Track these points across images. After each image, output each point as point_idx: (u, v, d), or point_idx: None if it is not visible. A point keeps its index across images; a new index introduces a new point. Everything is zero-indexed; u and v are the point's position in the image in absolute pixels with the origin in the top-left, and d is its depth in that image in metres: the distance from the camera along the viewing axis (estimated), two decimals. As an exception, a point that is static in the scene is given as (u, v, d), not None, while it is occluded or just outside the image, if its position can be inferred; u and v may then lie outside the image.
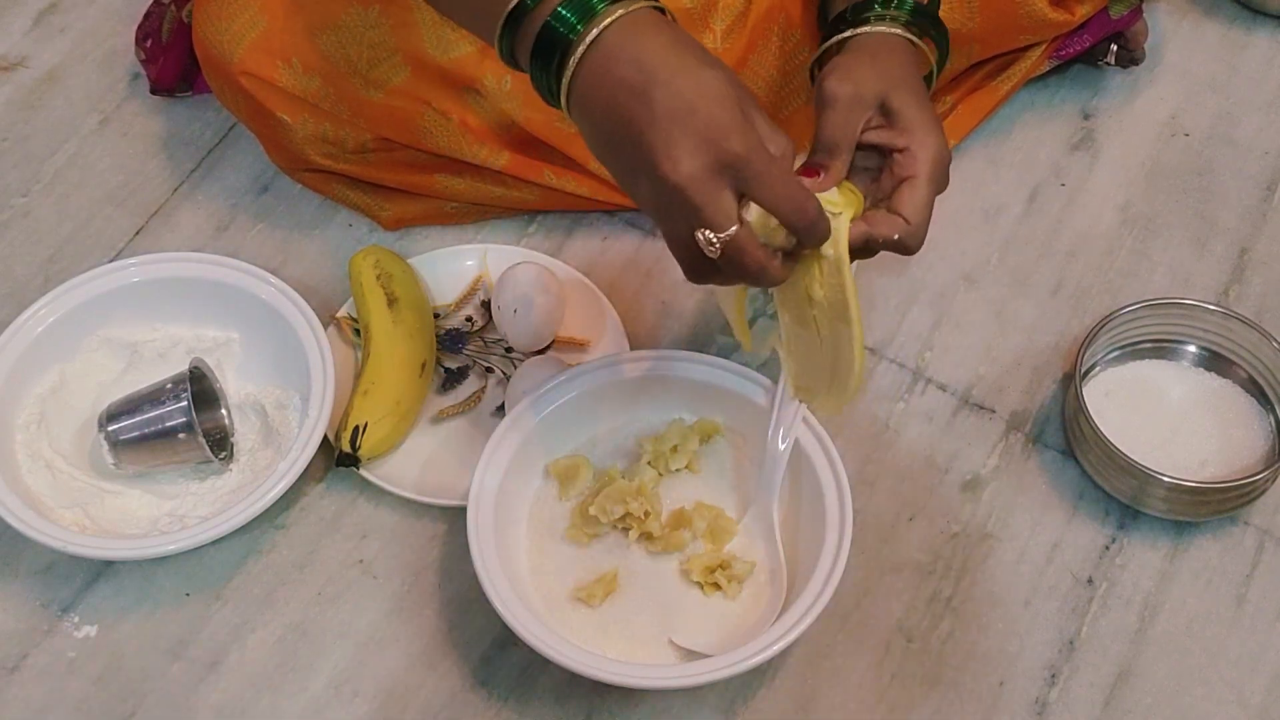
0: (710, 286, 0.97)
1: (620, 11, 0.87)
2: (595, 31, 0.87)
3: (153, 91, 1.37)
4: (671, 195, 0.86)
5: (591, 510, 1.08)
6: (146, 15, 1.36)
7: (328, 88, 1.18)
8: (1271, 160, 1.35)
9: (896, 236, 0.95)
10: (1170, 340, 1.20)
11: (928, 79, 1.04)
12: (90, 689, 1.08)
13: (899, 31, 1.02)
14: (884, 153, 0.97)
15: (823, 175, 0.94)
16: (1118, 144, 1.35)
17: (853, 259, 0.94)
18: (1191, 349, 1.20)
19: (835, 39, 1.03)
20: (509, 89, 1.19)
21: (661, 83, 0.86)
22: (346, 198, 1.29)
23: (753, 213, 0.89)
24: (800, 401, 1.07)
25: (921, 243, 0.96)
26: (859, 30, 1.02)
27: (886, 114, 0.97)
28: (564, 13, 0.88)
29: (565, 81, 0.89)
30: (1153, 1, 1.41)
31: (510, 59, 0.93)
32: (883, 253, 0.96)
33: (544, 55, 0.89)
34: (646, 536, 1.09)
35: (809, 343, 1.00)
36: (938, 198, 0.98)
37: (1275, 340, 1.16)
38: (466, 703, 1.07)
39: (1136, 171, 1.34)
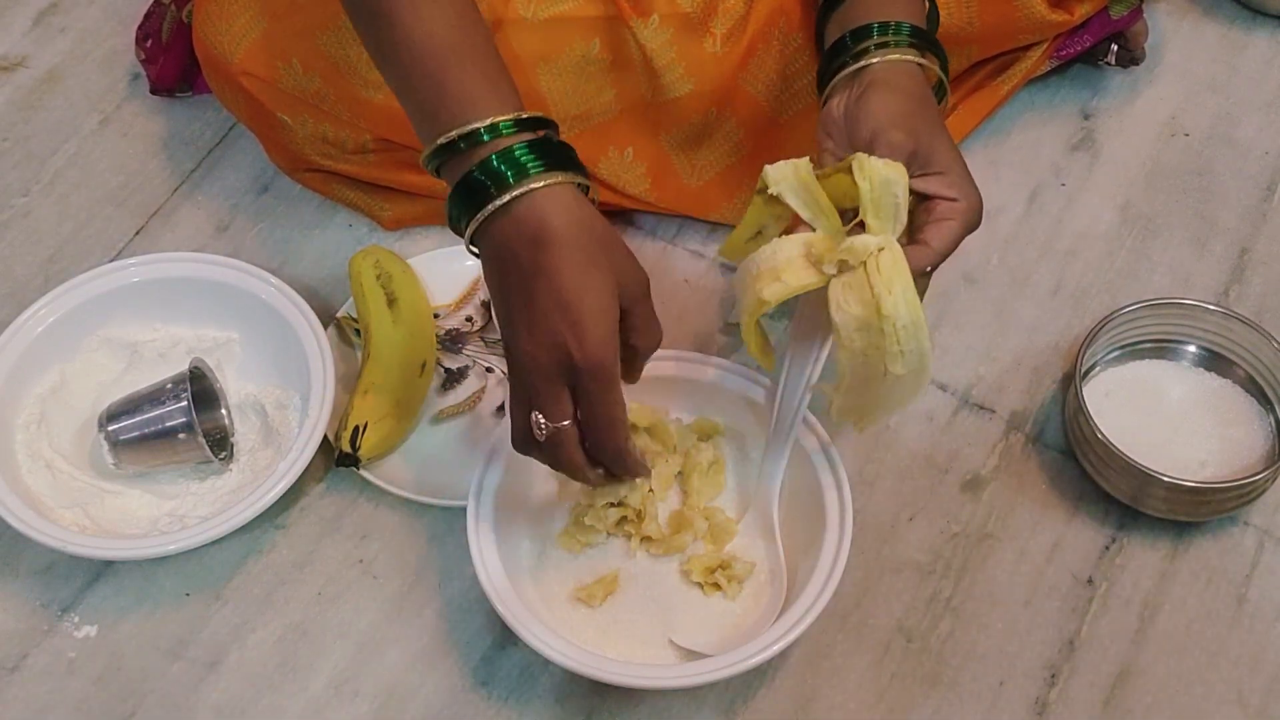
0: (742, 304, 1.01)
1: (542, 184, 0.93)
2: (511, 195, 0.93)
3: (153, 91, 1.37)
4: (521, 370, 0.94)
5: (587, 520, 1.08)
6: (147, 15, 1.36)
7: (328, 88, 1.18)
8: (1271, 160, 1.35)
9: (929, 269, 0.99)
10: (1170, 340, 1.20)
11: (937, 93, 1.05)
12: (90, 689, 1.08)
13: (909, 58, 1.03)
14: (919, 195, 1.00)
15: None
16: (1118, 144, 1.35)
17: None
18: (1191, 349, 1.20)
19: (846, 71, 1.04)
20: None
21: (547, 272, 0.92)
22: (346, 198, 1.29)
23: None
24: (847, 422, 1.06)
25: (923, 282, 1.00)
26: (869, 61, 1.03)
27: (924, 161, 1.00)
28: (495, 166, 0.93)
29: (474, 226, 0.95)
30: (1153, 2, 1.41)
31: (433, 172, 0.98)
32: None
33: (464, 195, 0.95)
34: (647, 540, 1.09)
35: (862, 368, 0.99)
36: None
37: (1275, 340, 1.16)
38: (466, 703, 1.07)
39: (1136, 171, 1.34)
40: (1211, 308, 1.18)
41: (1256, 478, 1.10)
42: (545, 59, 1.18)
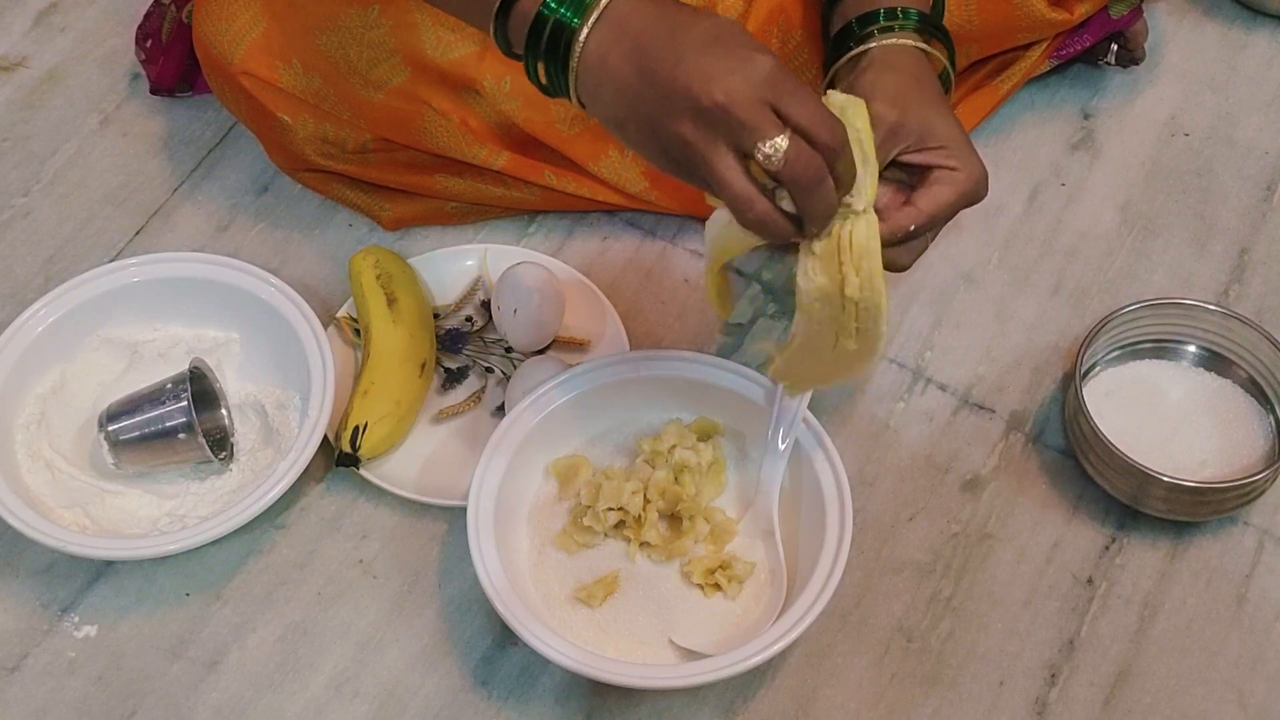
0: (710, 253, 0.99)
1: None
2: (601, 8, 0.88)
3: (152, 92, 1.37)
4: (717, 119, 0.86)
5: (586, 521, 1.08)
6: (146, 16, 1.36)
7: (327, 88, 1.18)
8: (1271, 160, 1.35)
9: (912, 227, 0.97)
10: (1170, 340, 1.20)
11: (943, 82, 1.05)
12: (90, 689, 1.08)
13: (910, 42, 1.02)
14: (917, 169, 0.99)
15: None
16: (1118, 144, 1.35)
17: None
18: (1191, 349, 1.20)
19: (848, 55, 1.03)
20: (508, 89, 1.19)
21: (682, 25, 0.87)
22: (346, 198, 1.29)
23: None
24: (781, 386, 1.06)
25: (915, 245, 0.99)
26: (870, 45, 1.02)
27: (920, 136, 0.98)
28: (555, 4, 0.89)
29: (576, 55, 0.89)
30: (1153, 1, 1.41)
31: (507, 48, 0.93)
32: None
33: (547, 40, 0.90)
34: (646, 545, 1.09)
35: (816, 336, 0.98)
36: None
37: (1275, 340, 1.16)
38: (466, 703, 1.07)
39: (1136, 171, 1.34)
40: (1211, 308, 1.18)
41: (1256, 478, 1.10)
42: None
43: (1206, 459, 1.14)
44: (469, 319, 1.23)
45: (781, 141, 0.86)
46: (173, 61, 1.34)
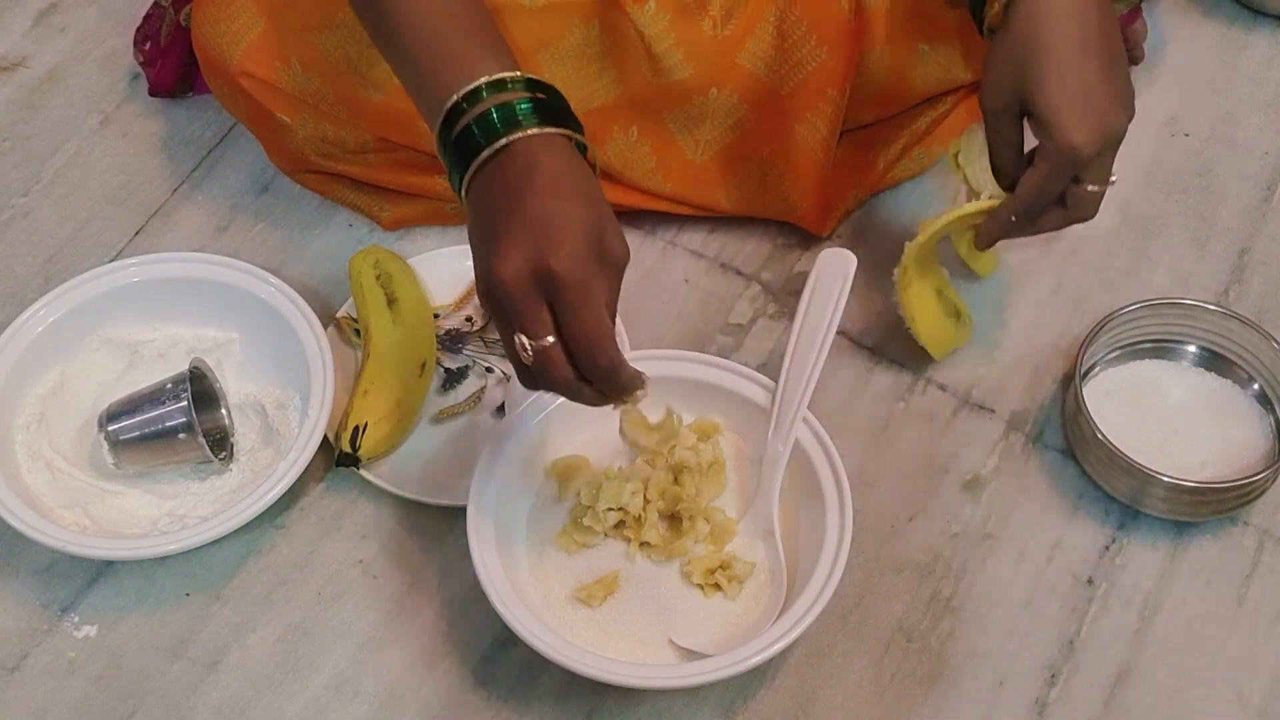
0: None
1: (536, 131, 0.92)
2: (507, 140, 0.92)
3: (151, 93, 1.37)
4: (500, 293, 0.91)
5: (585, 521, 1.08)
6: (145, 18, 1.36)
7: (327, 88, 1.18)
8: (1271, 160, 1.35)
9: (1011, 217, 1.09)
10: (1170, 340, 1.20)
11: None
12: (90, 689, 1.08)
13: None
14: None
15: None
16: (1118, 144, 1.35)
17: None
18: (1191, 349, 1.20)
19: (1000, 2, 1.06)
20: None
21: (533, 191, 0.91)
22: (346, 198, 1.29)
23: None
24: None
25: (1029, 218, 1.09)
26: None
27: (1029, 109, 1.05)
28: (492, 119, 0.93)
29: (470, 173, 0.94)
30: (1153, 1, 1.41)
31: (442, 151, 0.97)
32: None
33: (460, 147, 0.94)
34: (646, 545, 1.08)
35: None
36: None
37: (1275, 340, 1.16)
38: (466, 703, 1.07)
39: (1136, 171, 1.34)
40: (1211, 308, 1.18)
41: (1256, 478, 1.10)
42: (546, 45, 1.18)
43: (1206, 459, 1.14)
44: (469, 319, 1.23)
45: (539, 343, 0.91)
46: (171, 64, 1.34)
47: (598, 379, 0.93)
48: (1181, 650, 1.09)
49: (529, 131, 0.92)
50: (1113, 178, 1.08)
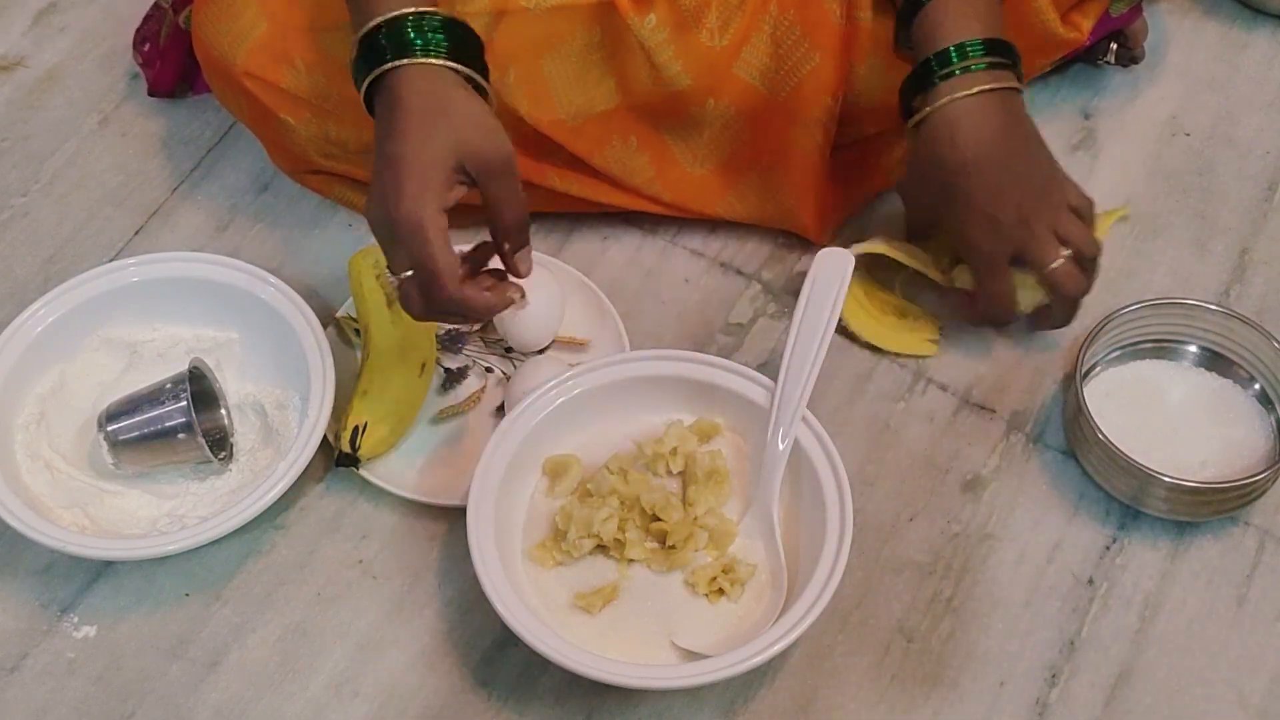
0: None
1: (418, 60, 1.02)
2: (391, 65, 1.02)
3: (151, 94, 1.37)
4: (372, 227, 1.03)
5: (564, 545, 1.07)
6: (145, 19, 1.36)
7: (330, 88, 1.18)
8: (1271, 160, 1.35)
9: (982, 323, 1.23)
10: (1170, 340, 1.20)
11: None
12: (90, 689, 1.08)
13: (977, 90, 1.11)
14: None
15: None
16: (1118, 144, 1.35)
17: None
18: (1192, 349, 1.19)
19: (911, 124, 1.15)
20: (511, 82, 1.18)
21: (390, 134, 1.02)
22: (347, 198, 1.29)
23: None
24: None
25: (1000, 316, 1.20)
26: (919, 115, 1.13)
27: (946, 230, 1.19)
28: (396, 35, 1.03)
29: (364, 86, 1.05)
30: (1153, 1, 1.41)
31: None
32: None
33: (364, 55, 1.04)
34: (646, 559, 1.08)
35: None
36: None
37: (1275, 340, 1.16)
38: (466, 703, 1.07)
39: (1136, 171, 1.34)
40: (1212, 308, 1.18)
41: (1257, 478, 1.10)
42: (549, 48, 1.18)
43: (1207, 459, 1.14)
44: (469, 319, 1.23)
45: (399, 277, 1.02)
46: (170, 65, 1.34)
47: (444, 310, 1.02)
48: (1182, 650, 1.09)
49: (403, 60, 1.02)
50: (1063, 252, 1.14)
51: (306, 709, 1.07)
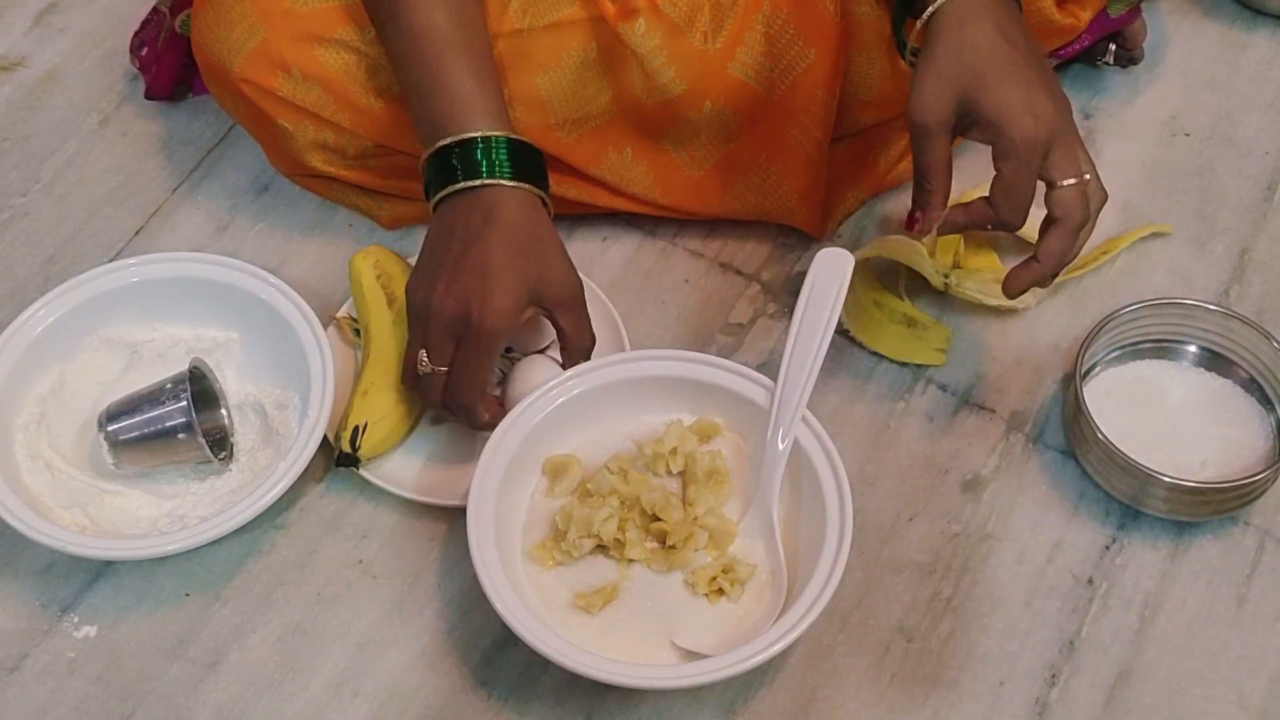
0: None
1: (510, 184, 1.07)
2: (481, 183, 1.06)
3: (148, 98, 1.37)
4: (426, 316, 1.06)
5: (564, 545, 1.07)
6: (143, 24, 1.36)
7: (326, 96, 1.18)
8: (1271, 160, 1.35)
9: (989, 227, 1.10)
10: (1170, 340, 1.20)
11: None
12: (90, 689, 1.08)
13: None
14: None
15: (920, 217, 1.09)
16: (1118, 144, 1.35)
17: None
18: (1192, 349, 1.20)
19: (920, 22, 1.08)
20: (507, 95, 1.18)
21: (484, 242, 1.05)
22: (346, 198, 1.29)
23: None
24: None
25: (1017, 217, 1.07)
26: (933, 7, 1.06)
27: (973, 115, 1.06)
28: (476, 158, 1.07)
29: (442, 193, 1.08)
30: (1153, 1, 1.41)
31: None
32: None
33: (440, 168, 1.08)
34: (645, 559, 1.08)
35: None
36: None
37: (1275, 340, 1.16)
38: (466, 703, 1.07)
39: (1136, 171, 1.34)
40: (1212, 308, 1.18)
41: (1257, 478, 1.10)
42: (544, 66, 1.18)
43: (1207, 459, 1.14)
44: (469, 319, 1.23)
45: (435, 367, 1.07)
46: (166, 69, 1.34)
47: (458, 410, 1.08)
48: (1182, 650, 1.09)
49: (505, 183, 1.06)
50: (1085, 174, 1.07)
51: (306, 709, 1.07)
